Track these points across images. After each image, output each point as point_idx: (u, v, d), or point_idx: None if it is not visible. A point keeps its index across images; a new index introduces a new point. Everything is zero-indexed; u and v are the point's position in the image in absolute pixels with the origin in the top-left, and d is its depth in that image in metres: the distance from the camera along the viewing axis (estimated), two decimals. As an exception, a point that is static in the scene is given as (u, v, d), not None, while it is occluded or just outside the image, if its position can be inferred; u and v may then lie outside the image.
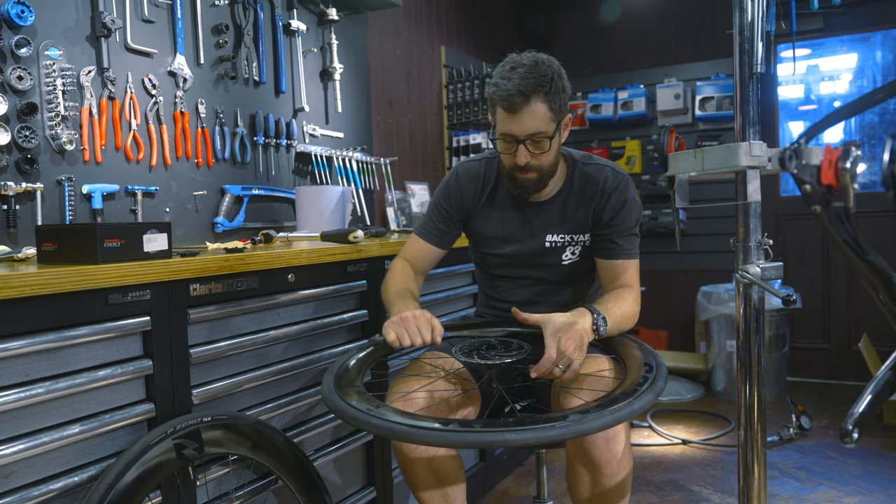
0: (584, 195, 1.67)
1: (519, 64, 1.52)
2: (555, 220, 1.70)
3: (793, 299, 1.18)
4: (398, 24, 3.36)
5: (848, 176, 0.86)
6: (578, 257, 1.71)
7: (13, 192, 1.68)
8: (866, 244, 0.91)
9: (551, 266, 1.72)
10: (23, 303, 1.13)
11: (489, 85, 1.56)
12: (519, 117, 1.51)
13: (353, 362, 1.47)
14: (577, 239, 1.70)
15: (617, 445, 1.38)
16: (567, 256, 1.71)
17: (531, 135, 1.52)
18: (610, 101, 4.30)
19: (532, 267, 1.74)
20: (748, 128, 1.28)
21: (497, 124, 1.57)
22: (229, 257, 1.49)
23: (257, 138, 2.41)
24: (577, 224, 1.69)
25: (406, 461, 1.50)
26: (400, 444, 1.50)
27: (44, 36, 1.77)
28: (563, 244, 1.70)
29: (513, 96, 1.49)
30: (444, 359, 1.61)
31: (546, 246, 1.70)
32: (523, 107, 1.50)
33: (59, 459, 1.22)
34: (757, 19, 1.25)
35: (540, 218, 1.70)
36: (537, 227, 1.70)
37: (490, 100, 1.57)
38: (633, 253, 1.68)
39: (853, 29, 3.99)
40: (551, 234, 1.70)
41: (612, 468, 1.38)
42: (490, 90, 1.55)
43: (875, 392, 0.93)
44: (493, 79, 1.55)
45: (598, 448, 1.37)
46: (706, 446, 3.05)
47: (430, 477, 1.51)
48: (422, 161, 3.55)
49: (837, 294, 4.00)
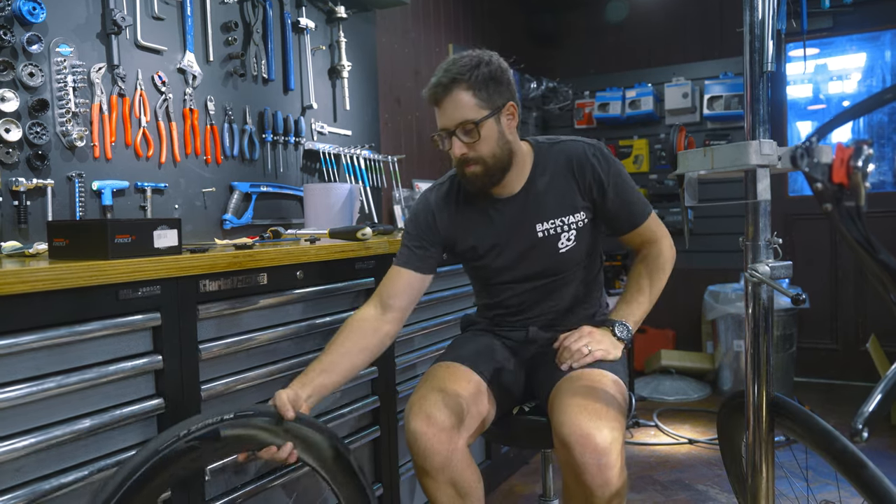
0: (565, 174, 1.62)
1: (447, 62, 1.55)
2: (540, 209, 1.62)
3: (802, 298, 1.18)
4: (406, 22, 3.36)
5: (859, 174, 0.86)
6: (575, 242, 1.63)
7: (24, 187, 1.69)
8: (877, 243, 0.91)
9: (548, 258, 1.64)
10: (34, 298, 1.14)
11: None
12: (444, 109, 1.53)
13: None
14: (569, 221, 1.62)
15: (609, 471, 1.32)
16: (563, 244, 1.63)
17: (459, 124, 1.51)
18: (618, 99, 4.29)
19: (528, 263, 1.65)
20: (758, 126, 1.27)
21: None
22: (238, 254, 1.50)
23: (266, 135, 2.42)
24: (565, 205, 1.62)
25: (428, 481, 1.48)
26: (421, 464, 1.47)
27: (55, 33, 1.78)
28: (557, 231, 1.62)
29: (435, 88, 1.52)
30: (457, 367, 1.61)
31: (539, 236, 1.62)
32: (444, 97, 1.51)
33: (69, 454, 1.23)
34: (767, 18, 1.25)
35: (522, 212, 1.63)
36: (523, 220, 1.63)
37: (427, 103, 1.58)
38: (646, 212, 1.65)
39: (863, 28, 3.97)
40: (541, 223, 1.62)
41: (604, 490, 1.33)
42: (422, 96, 1.58)
43: (885, 391, 0.93)
44: None
45: (589, 475, 1.31)
46: (713, 446, 3.04)
47: (451, 492, 1.50)
48: (429, 159, 3.55)
49: (845, 294, 3.98)
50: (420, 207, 1.70)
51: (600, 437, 1.31)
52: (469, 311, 2.44)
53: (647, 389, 3.87)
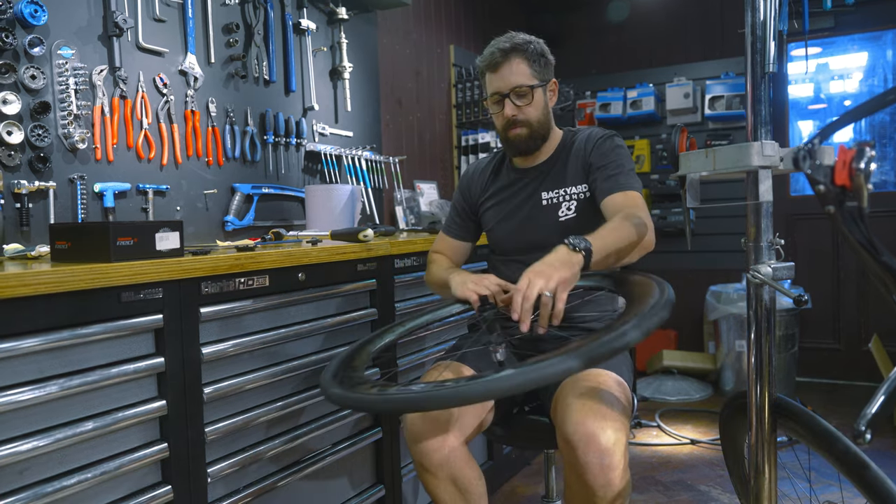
0: (577, 152, 1.76)
1: (501, 37, 1.72)
2: (549, 179, 1.76)
3: (804, 299, 1.18)
4: (407, 23, 3.36)
5: (862, 176, 0.86)
6: (575, 213, 1.71)
7: (26, 190, 1.69)
8: (880, 245, 0.90)
9: (549, 227, 1.72)
10: (37, 300, 1.14)
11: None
12: (501, 73, 1.68)
13: (348, 352, 1.47)
14: (571, 193, 1.73)
15: (612, 472, 1.31)
16: (563, 213, 1.72)
17: (514, 88, 1.67)
18: (619, 100, 4.29)
19: (531, 231, 1.75)
20: (760, 127, 1.27)
21: (487, 91, 1.74)
22: (240, 256, 1.50)
23: (267, 137, 2.42)
24: (569, 178, 1.74)
25: (429, 477, 1.50)
26: (421, 461, 1.49)
27: (56, 35, 1.78)
28: (559, 200, 1.74)
29: (494, 55, 1.68)
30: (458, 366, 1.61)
31: (543, 204, 1.75)
32: (503, 63, 1.67)
33: (72, 456, 1.23)
34: (769, 18, 1.25)
35: (535, 181, 1.78)
36: (533, 189, 1.77)
37: (479, 72, 1.75)
38: (635, 186, 1.63)
39: (864, 28, 3.96)
40: (546, 192, 1.75)
41: (607, 491, 1.32)
42: (477, 62, 1.75)
43: (888, 392, 0.92)
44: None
45: (592, 475, 1.31)
46: (715, 446, 3.04)
47: (452, 490, 1.51)
48: (430, 160, 3.55)
49: (848, 294, 3.98)
50: (462, 179, 1.95)
51: (604, 437, 1.31)
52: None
53: (649, 390, 3.86)
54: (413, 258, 2.10)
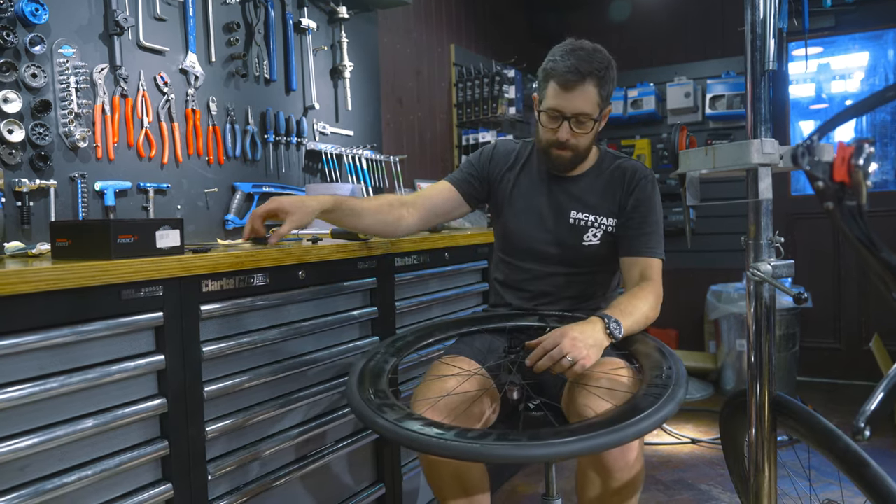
0: (614, 181, 1.72)
1: (579, 47, 1.61)
2: (582, 199, 1.73)
3: (804, 297, 1.17)
4: (408, 22, 3.36)
5: (861, 173, 0.86)
6: (599, 241, 1.71)
7: (27, 188, 1.70)
8: (880, 241, 0.90)
9: (572, 247, 1.72)
10: (37, 298, 1.14)
11: (546, 61, 1.63)
12: (570, 95, 1.59)
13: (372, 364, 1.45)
14: (601, 221, 1.71)
15: (630, 452, 1.35)
16: (588, 238, 1.71)
17: (577, 114, 1.60)
18: (620, 99, 4.28)
19: (553, 245, 1.74)
20: (760, 125, 1.27)
21: (545, 99, 1.64)
22: (241, 254, 1.50)
23: (268, 136, 2.42)
24: (602, 207, 1.72)
25: (433, 473, 1.51)
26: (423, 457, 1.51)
27: (57, 34, 1.78)
28: (587, 224, 1.71)
29: (570, 73, 1.57)
30: (461, 360, 1.61)
31: (570, 223, 1.72)
32: (577, 86, 1.58)
33: (72, 453, 1.23)
34: (769, 16, 1.25)
35: (567, 195, 1.74)
36: (564, 203, 1.74)
37: (544, 74, 1.63)
38: (658, 252, 1.68)
39: (865, 27, 3.96)
40: (576, 212, 1.73)
41: (624, 474, 1.35)
42: (547, 65, 1.62)
43: (887, 390, 0.92)
44: (552, 56, 1.62)
45: (611, 456, 1.34)
46: (715, 445, 3.04)
47: (455, 486, 1.51)
48: (431, 159, 3.55)
49: (848, 293, 3.97)
50: (487, 148, 1.88)
51: None
52: (478, 308, 2.45)
53: (649, 389, 3.86)
54: (414, 257, 2.10)
